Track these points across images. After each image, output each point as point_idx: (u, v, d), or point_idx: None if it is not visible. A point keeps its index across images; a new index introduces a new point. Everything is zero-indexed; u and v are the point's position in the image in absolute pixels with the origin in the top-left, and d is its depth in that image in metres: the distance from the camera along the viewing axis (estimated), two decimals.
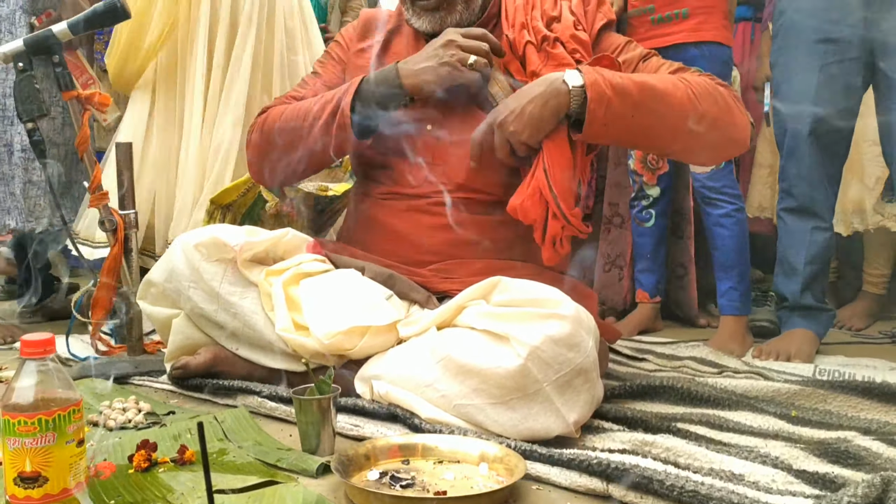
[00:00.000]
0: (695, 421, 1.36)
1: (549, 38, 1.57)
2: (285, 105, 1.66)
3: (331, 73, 1.74)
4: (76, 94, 1.61)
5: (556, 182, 1.43)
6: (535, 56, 1.57)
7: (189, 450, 1.18)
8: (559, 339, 1.22)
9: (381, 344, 1.40)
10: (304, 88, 1.74)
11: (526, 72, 1.57)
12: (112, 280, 1.68)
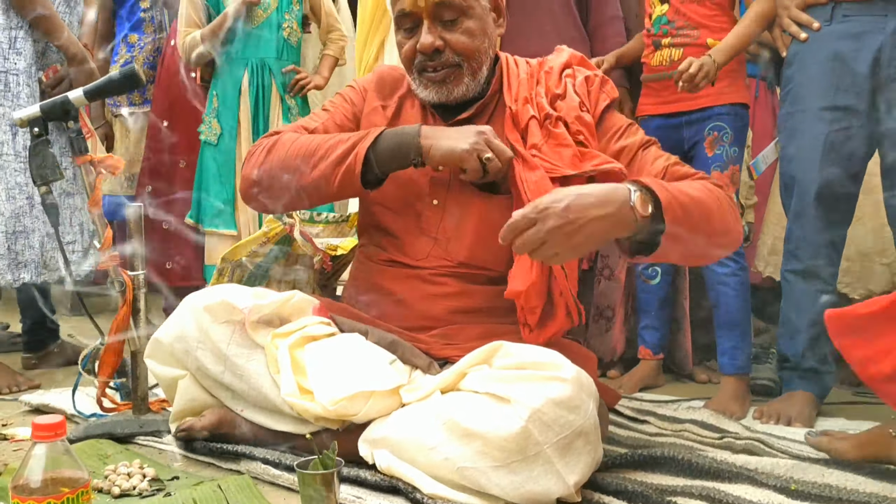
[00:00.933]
0: (695, 495, 1.36)
1: (551, 117, 1.59)
2: (297, 134, 1.65)
3: (342, 116, 1.73)
4: (89, 159, 1.64)
5: (572, 280, 1.48)
6: (537, 130, 1.59)
7: None
8: (560, 401, 1.24)
9: (385, 408, 1.42)
10: (314, 121, 1.72)
11: (526, 144, 1.59)
12: (120, 339, 1.70)
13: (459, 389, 1.39)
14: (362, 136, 1.55)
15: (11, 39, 2.24)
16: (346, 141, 1.55)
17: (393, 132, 1.54)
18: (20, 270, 2.24)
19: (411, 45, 1.59)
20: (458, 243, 1.60)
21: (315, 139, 1.59)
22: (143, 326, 1.73)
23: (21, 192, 2.24)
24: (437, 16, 1.55)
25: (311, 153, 1.56)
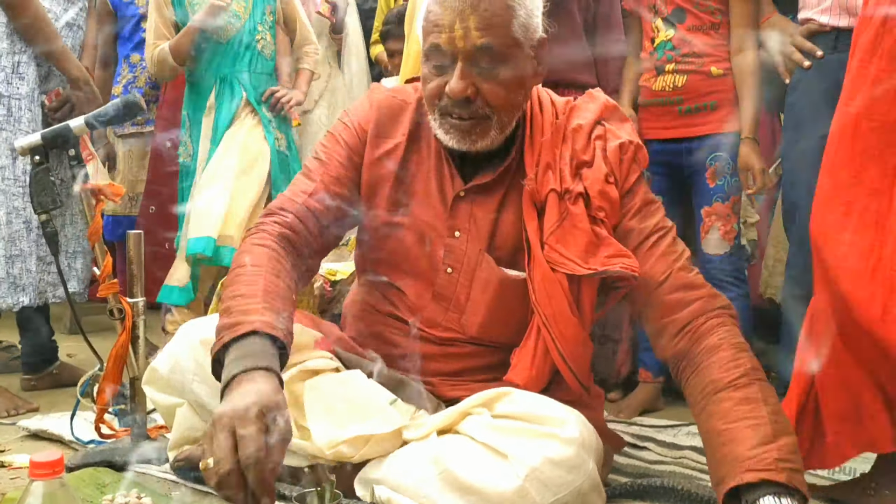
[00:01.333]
0: None
1: (572, 193, 1.45)
2: (249, 269, 1.35)
3: (338, 166, 1.55)
4: (90, 187, 1.65)
5: (572, 358, 1.43)
6: (554, 209, 1.45)
7: None
8: (559, 461, 1.23)
9: (384, 448, 1.40)
10: (310, 181, 1.54)
11: (543, 231, 1.45)
12: (118, 367, 1.69)
13: (458, 432, 1.38)
14: (231, 327, 1.23)
15: (15, 64, 2.26)
16: (225, 315, 1.27)
17: (236, 357, 1.18)
18: (18, 294, 2.24)
19: (438, 85, 1.41)
20: (471, 317, 1.51)
21: (236, 290, 1.31)
22: (142, 353, 1.72)
23: (18, 217, 2.25)
24: (473, 60, 1.37)
25: (224, 305, 1.31)
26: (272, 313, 1.24)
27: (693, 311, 1.38)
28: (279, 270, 1.37)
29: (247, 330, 1.20)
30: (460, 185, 1.51)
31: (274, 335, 1.22)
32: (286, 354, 1.26)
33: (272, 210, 1.51)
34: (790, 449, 1.17)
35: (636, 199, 1.48)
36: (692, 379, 1.34)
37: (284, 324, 1.26)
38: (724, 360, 1.29)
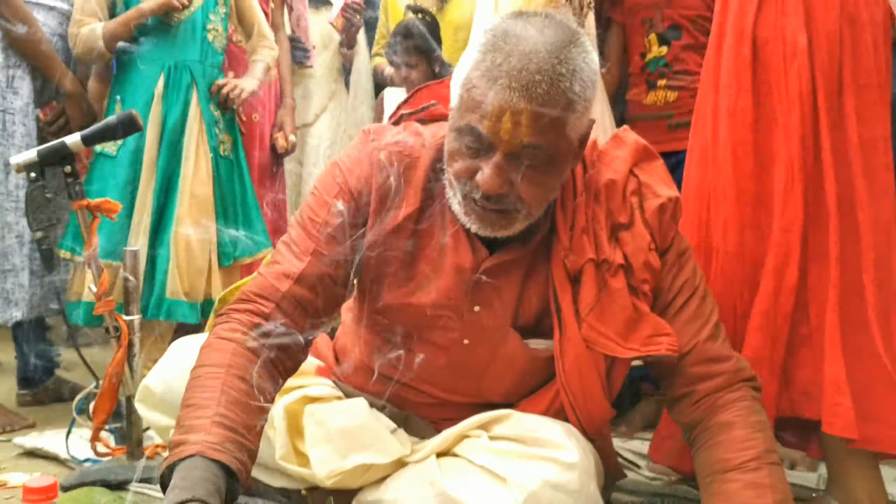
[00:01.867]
0: None
1: (611, 265, 1.31)
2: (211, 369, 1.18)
3: (329, 241, 1.30)
4: (86, 204, 1.64)
5: (592, 430, 1.36)
6: (591, 282, 1.31)
7: None
8: (559, 485, 1.21)
9: (385, 473, 1.39)
10: (296, 258, 1.30)
11: (579, 310, 1.31)
12: (114, 385, 1.68)
13: (456, 454, 1.36)
14: (176, 446, 1.08)
15: (9, 78, 2.25)
16: (177, 428, 1.12)
17: (172, 485, 1.03)
18: (11, 309, 2.24)
19: (468, 168, 1.21)
20: (490, 385, 1.42)
21: (190, 398, 1.16)
22: (138, 371, 1.71)
23: (10, 231, 2.24)
24: (516, 156, 1.18)
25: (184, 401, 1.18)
26: (224, 430, 1.07)
27: (714, 385, 1.31)
28: (245, 369, 1.17)
29: (189, 453, 1.04)
30: (483, 256, 1.33)
31: (218, 459, 1.05)
32: (241, 476, 1.08)
33: (248, 296, 1.28)
34: None
35: (671, 254, 1.36)
36: (703, 453, 1.29)
37: (240, 441, 1.09)
38: (737, 440, 1.24)
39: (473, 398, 1.41)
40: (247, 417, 1.12)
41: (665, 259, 1.35)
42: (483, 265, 1.33)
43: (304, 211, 1.35)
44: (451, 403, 1.43)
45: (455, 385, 1.43)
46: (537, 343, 1.38)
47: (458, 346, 1.38)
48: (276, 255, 1.33)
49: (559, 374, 1.34)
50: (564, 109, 1.16)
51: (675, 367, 1.33)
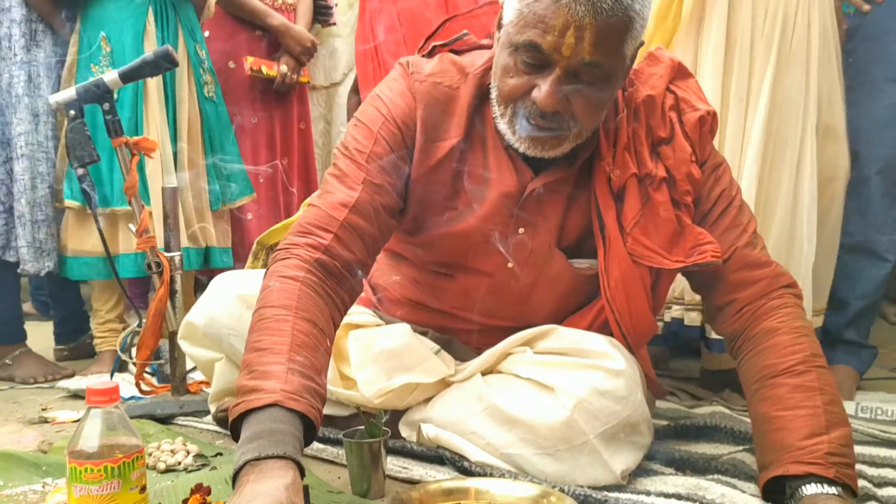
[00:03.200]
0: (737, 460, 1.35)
1: (654, 178, 1.33)
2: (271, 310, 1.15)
3: (378, 170, 1.31)
4: (125, 141, 1.65)
5: (637, 345, 1.37)
6: (635, 197, 1.32)
7: None
8: (606, 391, 1.22)
9: (430, 394, 1.40)
10: (347, 187, 1.29)
11: (623, 225, 1.32)
12: (157, 322, 1.70)
13: (501, 371, 1.38)
14: (249, 392, 1.04)
15: (32, 32, 2.27)
16: (246, 372, 1.08)
17: (252, 435, 0.99)
18: (44, 259, 2.26)
19: (523, 85, 1.21)
20: (535, 309, 1.42)
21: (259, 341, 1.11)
22: (180, 308, 1.73)
23: (42, 182, 2.26)
24: (574, 74, 1.18)
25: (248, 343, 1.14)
26: (298, 377, 1.05)
27: (755, 292, 1.31)
28: (312, 312, 1.15)
29: (266, 402, 1.00)
30: (529, 178, 1.34)
31: (297, 410, 1.02)
32: (314, 428, 1.06)
33: (305, 229, 1.25)
34: (843, 442, 1.11)
35: (708, 166, 1.37)
36: (748, 361, 1.28)
37: (313, 388, 1.06)
38: (783, 345, 1.23)
39: (516, 322, 1.42)
40: (316, 361, 1.10)
41: (703, 170, 1.36)
42: (529, 186, 1.33)
43: (349, 143, 1.34)
44: (493, 329, 1.43)
45: (498, 310, 1.44)
46: (581, 262, 1.39)
47: (502, 270, 1.39)
48: (325, 187, 1.32)
49: (604, 291, 1.34)
50: (625, 27, 1.16)
51: (715, 276, 1.34)
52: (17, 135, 2.21)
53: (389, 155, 1.32)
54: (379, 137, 1.32)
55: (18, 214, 2.23)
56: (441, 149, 1.34)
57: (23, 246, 2.23)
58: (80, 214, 2.25)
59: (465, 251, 1.39)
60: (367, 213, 1.28)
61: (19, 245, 2.24)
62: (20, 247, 2.24)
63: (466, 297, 1.44)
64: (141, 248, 1.69)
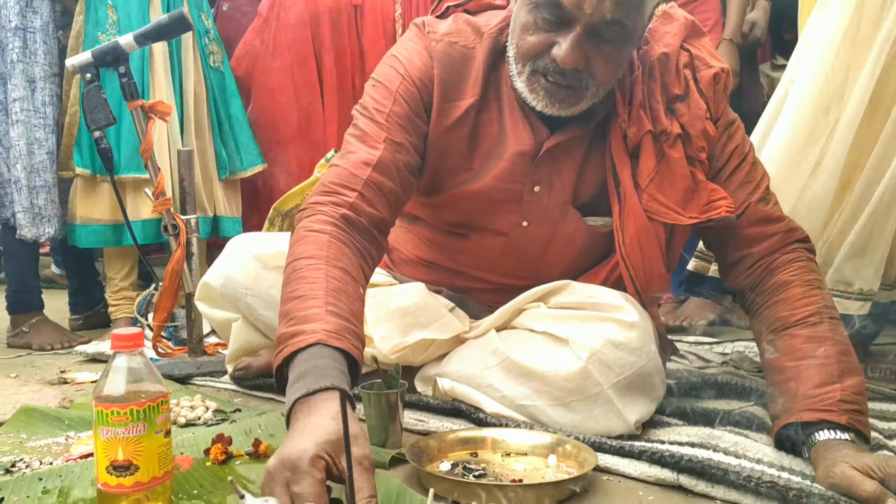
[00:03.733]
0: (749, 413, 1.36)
1: (669, 135, 1.33)
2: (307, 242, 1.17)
3: (398, 129, 1.32)
4: (140, 104, 1.66)
5: (651, 302, 1.37)
6: (650, 153, 1.33)
7: (263, 443, 1.21)
8: (620, 342, 1.23)
9: (445, 350, 1.43)
10: (369, 146, 1.30)
11: (638, 182, 1.34)
12: (174, 283, 1.72)
13: (515, 327, 1.39)
14: (291, 337, 1.04)
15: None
16: (285, 321, 1.08)
17: (298, 375, 0.99)
18: (43, 225, 2.26)
19: (543, 42, 1.24)
20: (550, 268, 1.43)
21: (295, 290, 1.11)
22: (196, 269, 1.75)
23: (40, 148, 2.26)
24: (595, 32, 1.21)
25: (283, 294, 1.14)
26: (337, 318, 1.05)
27: (769, 247, 1.32)
28: (343, 261, 1.16)
29: (309, 342, 1.01)
30: (545, 136, 1.36)
31: (340, 347, 1.02)
32: (358, 367, 1.05)
33: (329, 188, 1.26)
34: (855, 390, 1.12)
35: (722, 123, 1.38)
36: (761, 314, 1.30)
37: (353, 329, 1.07)
38: (795, 297, 1.25)
39: (530, 281, 1.43)
40: (353, 306, 1.10)
41: (717, 127, 1.36)
42: (545, 144, 1.35)
43: (367, 103, 1.36)
44: (508, 287, 1.45)
45: (512, 269, 1.45)
46: (595, 220, 1.40)
47: (517, 229, 1.41)
48: (347, 147, 1.33)
49: (619, 247, 1.35)
50: None
51: (729, 232, 1.35)
52: (13, 101, 2.22)
53: (408, 114, 1.33)
54: (398, 96, 1.33)
55: (15, 180, 2.24)
56: (457, 108, 1.36)
57: (20, 212, 2.24)
58: (88, 182, 2.27)
59: (481, 210, 1.41)
60: (389, 171, 1.29)
61: (16, 211, 2.25)
62: (17, 212, 2.25)
63: (481, 257, 1.46)
64: (157, 211, 1.71)
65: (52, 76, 2.31)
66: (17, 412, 1.40)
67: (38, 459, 1.19)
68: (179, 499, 1.04)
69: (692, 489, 1.06)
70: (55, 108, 2.32)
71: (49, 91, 2.30)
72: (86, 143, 2.26)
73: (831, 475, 1.00)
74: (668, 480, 1.08)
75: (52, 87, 2.31)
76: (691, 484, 1.06)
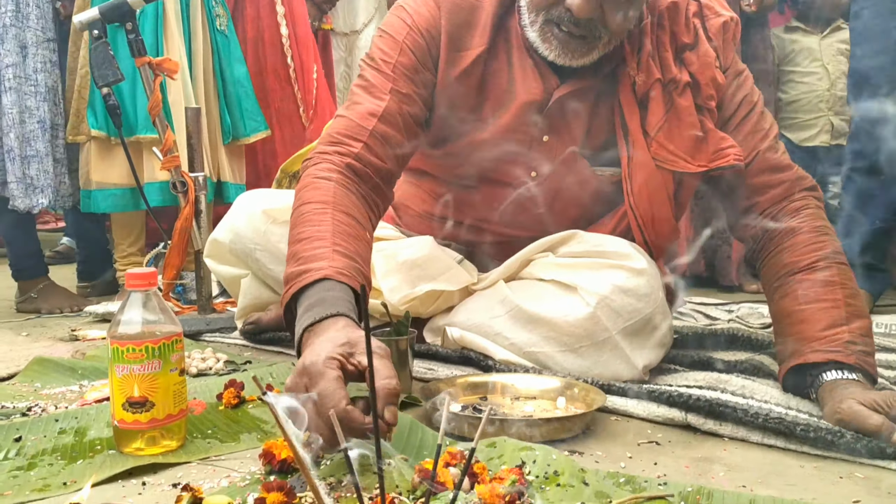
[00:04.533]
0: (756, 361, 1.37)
1: (678, 84, 1.34)
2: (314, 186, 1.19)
3: (404, 80, 1.32)
4: (147, 61, 1.66)
5: (659, 252, 1.39)
6: (659, 102, 1.34)
7: (276, 389, 1.22)
8: (628, 289, 1.24)
9: (453, 302, 1.44)
10: (375, 97, 1.30)
11: (647, 130, 1.34)
12: (183, 240, 1.73)
13: (523, 278, 1.40)
14: (299, 275, 1.05)
15: None
16: (293, 262, 1.09)
17: (305, 307, 1.00)
18: (36, 195, 2.21)
19: None
20: (557, 218, 1.43)
21: (302, 232, 1.12)
22: (205, 226, 1.75)
23: (31, 116, 2.21)
24: None
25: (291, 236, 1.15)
26: (344, 257, 1.06)
27: (777, 195, 1.32)
28: (349, 206, 1.17)
29: (315, 278, 1.02)
30: (554, 85, 1.35)
31: (346, 283, 1.03)
32: (363, 305, 1.03)
33: (335, 138, 1.27)
34: (863, 332, 1.13)
35: (731, 71, 1.38)
36: (770, 261, 1.30)
37: (359, 269, 1.08)
38: (804, 244, 1.26)
39: (538, 233, 1.43)
40: (359, 249, 1.11)
41: (726, 76, 1.36)
42: (555, 94, 1.35)
43: (375, 53, 1.36)
44: (515, 240, 1.45)
45: (520, 221, 1.46)
46: (604, 170, 1.40)
47: (525, 179, 1.41)
48: (353, 98, 1.34)
49: (627, 196, 1.36)
50: None
51: (737, 181, 1.35)
52: (5, 67, 2.16)
53: (415, 64, 1.33)
54: (404, 47, 1.33)
55: (8, 150, 2.18)
56: (465, 58, 1.35)
57: (12, 182, 2.18)
58: (103, 144, 2.25)
59: (489, 161, 1.41)
60: (395, 121, 1.29)
61: (9, 181, 2.18)
62: (9, 182, 2.18)
63: (489, 209, 1.46)
64: (165, 168, 1.72)
65: (44, 41, 2.25)
66: (30, 363, 1.41)
67: (53, 405, 1.20)
68: (194, 437, 1.05)
69: (700, 427, 1.07)
70: (48, 76, 2.26)
71: (41, 58, 2.24)
72: (99, 105, 2.22)
73: (838, 411, 1.01)
74: (676, 419, 1.10)
75: (45, 54, 2.25)
76: (699, 422, 1.08)
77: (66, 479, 0.90)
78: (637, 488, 0.85)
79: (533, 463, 0.87)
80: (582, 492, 0.82)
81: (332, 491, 0.84)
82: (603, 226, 1.43)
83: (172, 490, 0.87)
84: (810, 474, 0.93)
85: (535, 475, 0.85)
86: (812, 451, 0.99)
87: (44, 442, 1.03)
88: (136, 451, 0.98)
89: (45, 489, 0.88)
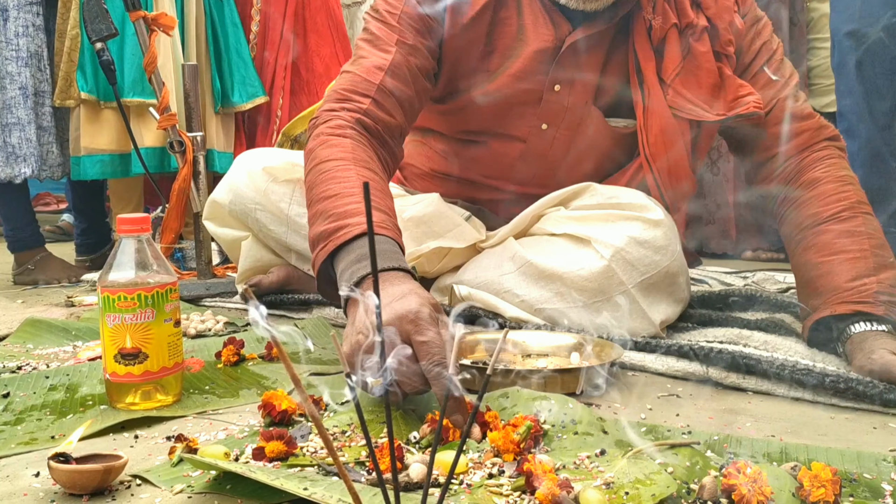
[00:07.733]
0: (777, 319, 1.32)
1: (695, 28, 1.28)
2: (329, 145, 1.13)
3: (411, 32, 1.26)
4: (143, 15, 1.60)
5: (675, 204, 1.33)
6: (675, 48, 1.28)
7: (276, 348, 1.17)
8: (644, 240, 1.18)
9: (461, 261, 1.38)
10: (381, 50, 1.25)
11: (663, 77, 1.28)
12: (181, 202, 1.68)
13: (533, 234, 1.34)
14: (335, 232, 0.99)
15: None
16: (321, 220, 1.03)
17: (356, 258, 0.94)
18: (19, 164, 2.11)
19: None
20: (569, 173, 1.37)
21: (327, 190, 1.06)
22: (203, 188, 1.70)
23: (13, 83, 2.10)
24: None
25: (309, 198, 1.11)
26: (378, 212, 1.02)
27: (798, 144, 1.27)
28: (368, 161, 1.12)
29: (357, 233, 0.95)
30: (567, 31, 1.29)
31: (389, 236, 0.98)
32: (403, 253, 1.01)
33: (342, 95, 1.22)
34: (892, 283, 1.08)
35: (749, 18, 1.33)
36: (792, 212, 1.25)
37: (394, 223, 1.04)
38: (828, 194, 1.20)
39: (549, 189, 1.37)
40: (388, 203, 1.07)
41: (744, 21, 1.31)
42: (567, 40, 1.29)
43: (379, 6, 1.30)
44: (526, 197, 1.39)
45: (531, 176, 1.40)
46: (618, 121, 1.34)
47: (535, 132, 1.35)
48: (359, 52, 1.28)
49: (643, 147, 1.30)
50: None
51: (756, 130, 1.29)
52: None
53: (421, 15, 1.27)
54: (408, 5, 1.27)
55: None
56: (473, 6, 1.29)
57: None
58: (93, 109, 2.16)
59: (498, 114, 1.35)
60: (402, 75, 1.24)
61: None
62: None
63: (498, 165, 1.41)
64: (162, 126, 1.66)
65: (27, 5, 2.13)
66: (22, 324, 1.37)
67: (45, 363, 1.15)
68: (190, 393, 1.00)
69: (722, 381, 1.02)
70: (30, 40, 2.15)
71: (23, 21, 2.13)
72: (89, 67, 2.15)
73: (870, 361, 0.96)
74: (697, 374, 1.05)
75: (28, 17, 2.14)
76: (721, 377, 1.03)
77: (54, 433, 0.86)
78: (660, 437, 0.80)
79: (549, 412, 0.82)
80: (602, 440, 0.77)
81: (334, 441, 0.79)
82: (616, 181, 1.37)
83: (166, 443, 0.82)
84: (841, 425, 0.88)
85: (552, 424, 0.80)
86: (841, 404, 0.94)
87: (33, 398, 0.98)
88: (129, 406, 0.93)
89: (31, 443, 0.83)
